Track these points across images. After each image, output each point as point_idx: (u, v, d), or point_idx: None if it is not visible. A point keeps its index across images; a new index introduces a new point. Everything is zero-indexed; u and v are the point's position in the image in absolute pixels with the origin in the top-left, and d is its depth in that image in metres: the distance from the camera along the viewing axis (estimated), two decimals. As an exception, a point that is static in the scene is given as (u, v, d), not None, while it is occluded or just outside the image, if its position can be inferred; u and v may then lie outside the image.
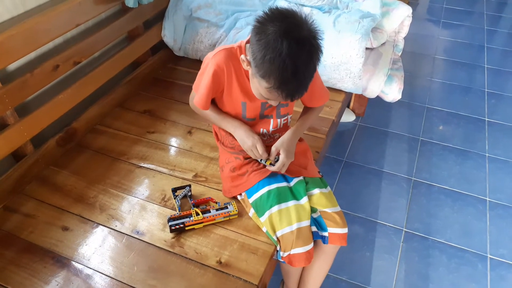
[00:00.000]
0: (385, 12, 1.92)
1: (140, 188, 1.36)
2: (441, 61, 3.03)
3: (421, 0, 4.04)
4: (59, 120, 1.48)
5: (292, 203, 1.16)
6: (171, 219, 1.20)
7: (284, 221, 1.13)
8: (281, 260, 1.16)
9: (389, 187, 1.99)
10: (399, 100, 1.92)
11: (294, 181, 1.21)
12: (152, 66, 1.94)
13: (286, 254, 1.13)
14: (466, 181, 2.03)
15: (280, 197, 1.16)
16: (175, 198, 1.28)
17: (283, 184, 1.20)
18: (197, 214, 1.20)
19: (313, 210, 1.19)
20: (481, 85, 2.75)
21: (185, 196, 1.31)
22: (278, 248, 1.16)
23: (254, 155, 1.19)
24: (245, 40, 1.11)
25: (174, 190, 1.32)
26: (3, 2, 1.27)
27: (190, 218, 1.20)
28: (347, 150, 2.20)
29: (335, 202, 1.22)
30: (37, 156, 1.40)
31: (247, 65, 1.03)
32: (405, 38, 2.10)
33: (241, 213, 1.25)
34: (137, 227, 1.23)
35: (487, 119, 2.44)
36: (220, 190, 1.34)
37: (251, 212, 1.22)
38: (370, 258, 1.68)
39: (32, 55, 1.40)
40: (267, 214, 1.15)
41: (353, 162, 2.12)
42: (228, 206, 1.24)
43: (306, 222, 1.15)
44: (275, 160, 1.18)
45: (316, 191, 1.21)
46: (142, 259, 1.14)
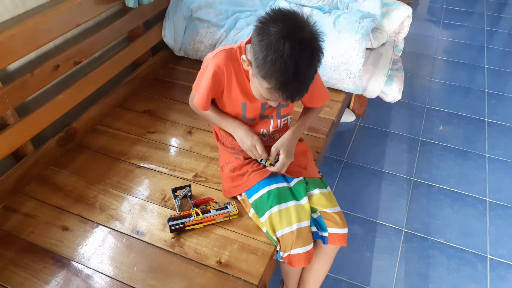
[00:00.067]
0: (385, 12, 1.92)
1: (140, 188, 1.36)
2: (441, 62, 3.03)
3: (421, 1, 4.04)
4: (59, 120, 1.48)
5: (292, 203, 1.16)
6: (171, 219, 1.20)
7: (284, 221, 1.13)
8: (281, 260, 1.16)
9: (389, 187, 1.99)
10: (399, 101, 1.92)
11: (294, 181, 1.21)
12: (152, 66, 1.94)
13: (286, 254, 1.13)
14: (466, 181, 2.03)
15: (280, 197, 1.16)
16: (175, 198, 1.28)
17: (283, 185, 1.20)
18: (197, 214, 1.20)
19: (313, 210, 1.19)
20: (481, 85, 2.75)
21: (185, 196, 1.31)
22: (278, 248, 1.16)
23: (254, 155, 1.19)
24: (245, 40, 1.11)
25: (174, 190, 1.32)
26: (3, 2, 1.27)
27: (190, 218, 1.20)
28: (347, 151, 2.20)
29: (335, 202, 1.22)
30: (37, 156, 1.40)
31: (247, 65, 1.03)
32: (405, 39, 2.10)
33: (241, 213, 1.26)
34: (137, 227, 1.23)
35: (487, 120, 2.44)
36: (220, 190, 1.34)
37: (251, 212, 1.22)
38: (370, 258, 1.68)
39: (32, 55, 1.40)
40: (267, 214, 1.15)
41: (353, 162, 2.12)
42: (228, 206, 1.24)
43: (306, 223, 1.15)
44: (275, 160, 1.18)
45: (316, 191, 1.21)
46: (142, 259, 1.14)
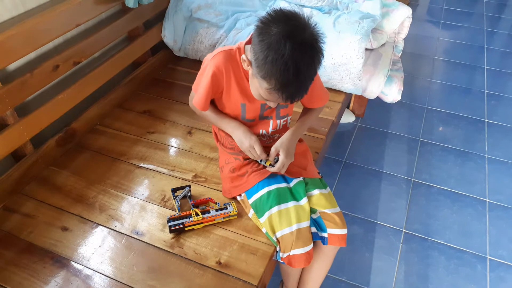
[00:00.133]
0: (385, 13, 1.92)
1: (139, 189, 1.36)
2: (441, 62, 3.03)
3: (421, 1, 4.04)
4: (59, 120, 1.48)
5: (291, 204, 1.16)
6: (170, 219, 1.20)
7: (284, 222, 1.13)
8: (280, 261, 1.16)
9: (389, 188, 1.99)
10: (399, 101, 1.92)
11: (293, 181, 1.21)
12: (152, 66, 1.94)
13: (286, 255, 1.13)
14: (465, 182, 2.03)
15: (279, 198, 1.16)
16: (174, 199, 1.28)
17: (283, 185, 1.20)
18: (197, 214, 1.20)
19: (313, 211, 1.19)
20: (481, 86, 2.75)
21: (184, 197, 1.31)
22: (277, 249, 1.16)
23: (252, 156, 1.19)
24: (244, 41, 1.11)
25: (174, 190, 1.32)
26: (3, 2, 1.27)
27: (189, 218, 1.20)
28: (347, 151, 2.20)
29: (334, 203, 1.22)
30: (37, 156, 1.40)
31: (247, 65, 1.03)
32: (405, 39, 2.10)
33: (241, 213, 1.25)
34: (136, 228, 1.23)
35: (486, 120, 2.44)
36: (220, 191, 1.34)
37: (251, 212, 1.22)
38: (370, 259, 1.68)
39: (32, 55, 1.40)
40: (266, 215, 1.15)
41: (353, 163, 2.12)
42: (228, 207, 1.24)
43: (305, 223, 1.15)
44: (275, 161, 1.18)
45: (315, 192, 1.21)
46: (141, 260, 1.14)
